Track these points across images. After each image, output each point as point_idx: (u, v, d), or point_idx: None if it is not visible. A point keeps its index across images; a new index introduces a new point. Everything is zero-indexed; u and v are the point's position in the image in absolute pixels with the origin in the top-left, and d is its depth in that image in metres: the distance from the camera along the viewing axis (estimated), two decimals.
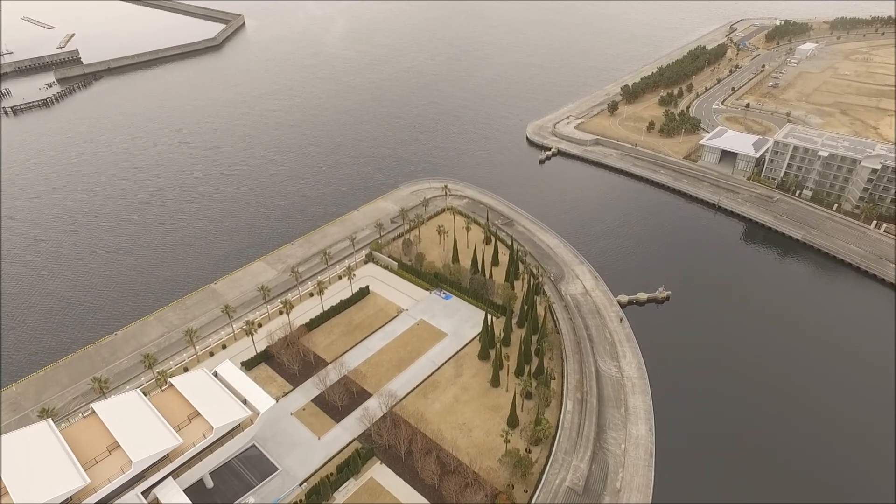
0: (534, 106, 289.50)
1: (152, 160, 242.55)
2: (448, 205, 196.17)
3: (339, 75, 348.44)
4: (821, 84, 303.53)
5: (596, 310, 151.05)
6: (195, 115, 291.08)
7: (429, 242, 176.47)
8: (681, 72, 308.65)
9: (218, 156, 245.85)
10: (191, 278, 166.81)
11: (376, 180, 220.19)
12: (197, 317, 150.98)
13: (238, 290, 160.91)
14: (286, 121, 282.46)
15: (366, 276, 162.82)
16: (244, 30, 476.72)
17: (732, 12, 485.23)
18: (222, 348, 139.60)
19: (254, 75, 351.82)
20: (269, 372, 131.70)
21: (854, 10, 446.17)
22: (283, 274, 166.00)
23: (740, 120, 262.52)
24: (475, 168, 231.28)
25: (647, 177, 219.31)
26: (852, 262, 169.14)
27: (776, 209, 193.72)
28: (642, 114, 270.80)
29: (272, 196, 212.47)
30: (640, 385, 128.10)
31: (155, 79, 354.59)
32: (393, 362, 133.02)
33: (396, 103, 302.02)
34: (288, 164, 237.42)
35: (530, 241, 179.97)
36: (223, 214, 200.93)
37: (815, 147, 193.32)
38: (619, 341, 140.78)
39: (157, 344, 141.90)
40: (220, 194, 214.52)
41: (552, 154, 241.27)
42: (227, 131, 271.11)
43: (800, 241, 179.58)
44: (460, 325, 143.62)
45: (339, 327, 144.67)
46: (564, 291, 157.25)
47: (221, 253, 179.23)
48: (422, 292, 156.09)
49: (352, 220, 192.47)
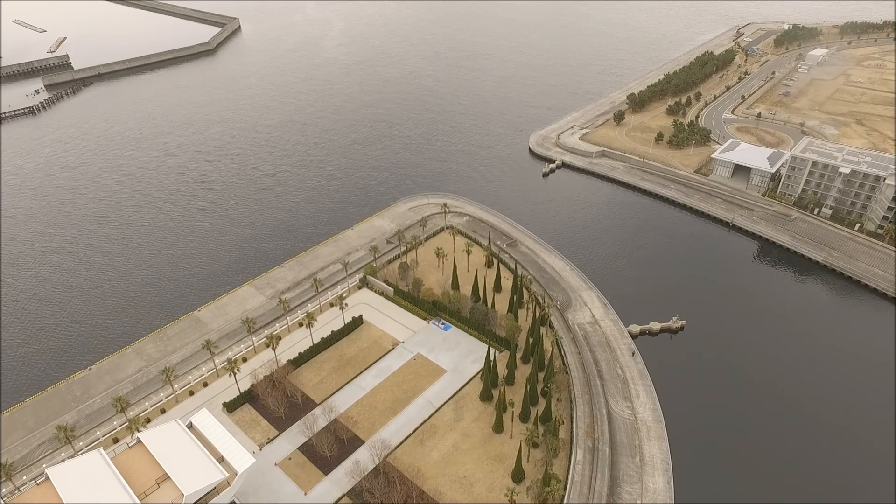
0: (536, 114, 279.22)
1: (136, 176, 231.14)
2: (447, 223, 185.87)
3: (335, 81, 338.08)
4: (833, 92, 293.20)
5: (606, 342, 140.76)
6: (184, 126, 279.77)
7: (427, 266, 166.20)
8: (688, 79, 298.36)
9: (206, 170, 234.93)
10: (173, 305, 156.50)
11: (372, 196, 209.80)
12: (178, 349, 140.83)
13: (223, 318, 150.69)
14: (279, 131, 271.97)
15: (359, 304, 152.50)
16: (240, 33, 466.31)
17: (737, 16, 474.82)
18: (203, 386, 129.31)
19: (248, 82, 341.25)
20: (252, 414, 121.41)
21: (862, 15, 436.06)
22: (272, 300, 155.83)
23: (752, 130, 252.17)
24: (476, 182, 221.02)
25: (656, 192, 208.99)
26: (877, 286, 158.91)
27: (794, 228, 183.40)
28: (650, 124, 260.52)
29: (262, 214, 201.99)
30: (656, 430, 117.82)
31: (145, 86, 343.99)
32: (387, 403, 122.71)
33: (394, 112, 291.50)
34: (280, 178, 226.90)
35: (534, 263, 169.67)
36: (210, 234, 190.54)
37: (835, 163, 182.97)
38: (632, 378, 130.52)
39: (134, 380, 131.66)
40: (208, 212, 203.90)
41: (556, 167, 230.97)
42: (217, 143, 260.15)
43: (820, 263, 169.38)
44: (460, 361, 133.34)
45: (330, 362, 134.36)
46: (572, 321, 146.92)
47: (207, 276, 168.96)
48: (419, 322, 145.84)
49: (345, 239, 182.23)
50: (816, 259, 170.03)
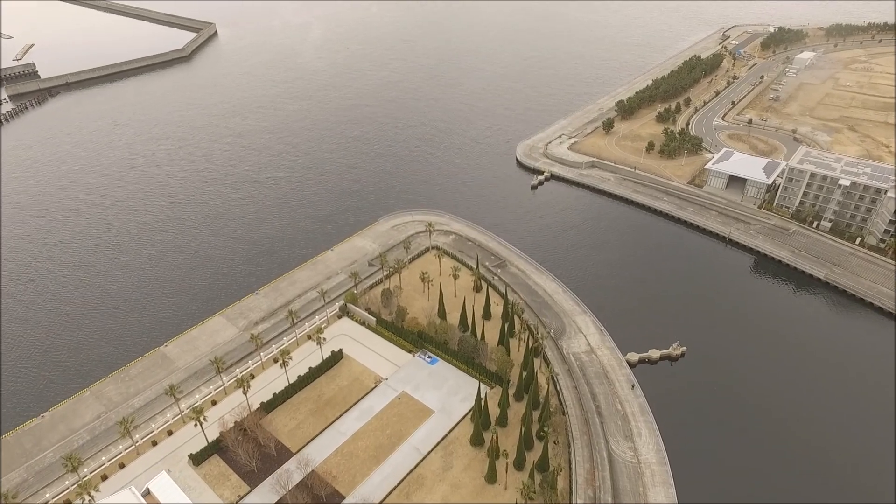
0: (523, 123, 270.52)
1: (100, 196, 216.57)
2: (432, 243, 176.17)
3: (313, 91, 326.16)
4: (823, 96, 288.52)
5: (603, 373, 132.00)
6: (154, 140, 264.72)
7: (411, 291, 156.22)
8: (677, 84, 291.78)
9: (176, 187, 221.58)
10: (137, 340, 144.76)
11: (352, 214, 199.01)
12: (142, 391, 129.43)
13: (192, 354, 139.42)
14: (254, 144, 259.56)
15: (339, 335, 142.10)
16: (216, 39, 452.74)
17: (720, 17, 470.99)
18: (168, 435, 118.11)
19: (223, 92, 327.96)
20: (221, 467, 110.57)
21: (847, 16, 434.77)
22: (245, 332, 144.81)
23: (744, 138, 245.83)
24: (462, 196, 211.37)
25: (649, 205, 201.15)
26: (882, 304, 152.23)
27: (793, 243, 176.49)
28: (639, 132, 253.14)
29: (236, 235, 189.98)
30: (661, 473, 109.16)
31: (115, 96, 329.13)
32: (370, 451, 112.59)
33: (374, 123, 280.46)
34: (255, 195, 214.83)
35: (525, 286, 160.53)
36: (179, 259, 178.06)
37: (834, 174, 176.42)
38: (633, 414, 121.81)
39: (92, 429, 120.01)
40: (176, 235, 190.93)
41: (545, 179, 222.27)
42: (189, 158, 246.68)
43: (822, 280, 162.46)
44: (449, 399, 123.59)
45: (308, 404, 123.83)
46: (566, 350, 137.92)
47: (175, 307, 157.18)
48: (404, 355, 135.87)
49: (325, 262, 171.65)
50: (818, 276, 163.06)
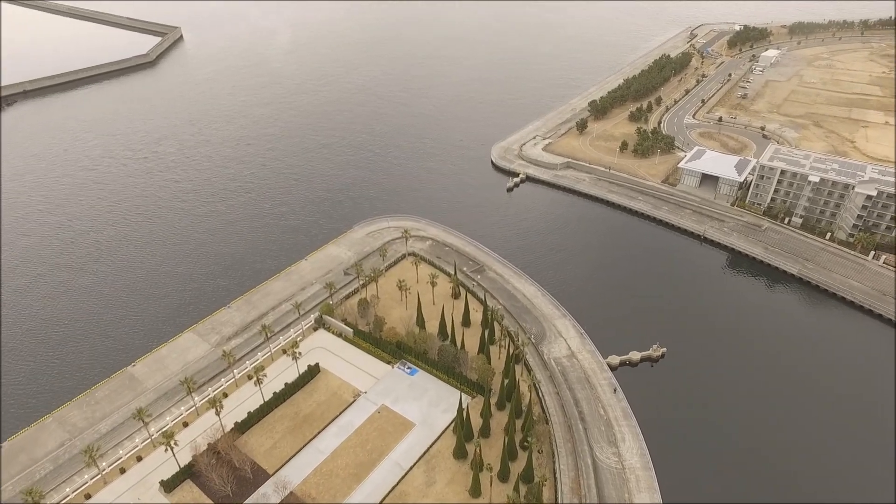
0: (496, 125, 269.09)
1: (61, 207, 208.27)
2: (409, 250, 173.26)
3: (282, 96, 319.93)
4: (789, 93, 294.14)
5: (585, 377, 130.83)
6: (116, 150, 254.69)
7: (389, 300, 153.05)
8: (648, 84, 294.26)
9: (141, 198, 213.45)
10: (103, 360, 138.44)
11: (326, 222, 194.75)
12: (109, 414, 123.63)
13: (161, 373, 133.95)
14: (223, 153, 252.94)
15: (315, 349, 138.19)
16: (182, 44, 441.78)
17: (687, 16, 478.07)
18: (137, 461, 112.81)
19: (189, 98, 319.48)
20: (194, 493, 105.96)
21: (808, 15, 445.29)
22: (217, 348, 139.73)
23: (714, 136, 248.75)
24: (437, 201, 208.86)
25: (624, 205, 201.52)
26: (854, 299, 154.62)
27: (766, 239, 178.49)
28: (613, 132, 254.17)
29: (205, 247, 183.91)
30: (646, 478, 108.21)
31: (75, 104, 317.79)
32: (350, 469, 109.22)
33: (346, 129, 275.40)
34: (224, 205, 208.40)
35: (504, 290, 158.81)
36: (146, 273, 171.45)
37: (803, 171, 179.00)
38: (616, 419, 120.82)
39: (55, 458, 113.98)
40: (143, 248, 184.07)
41: (521, 181, 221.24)
42: (154, 168, 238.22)
43: (795, 275, 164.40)
44: (430, 411, 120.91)
45: (284, 421, 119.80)
46: (547, 355, 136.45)
47: (143, 323, 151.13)
48: (382, 366, 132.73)
49: (299, 272, 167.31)
50: (791, 272, 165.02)
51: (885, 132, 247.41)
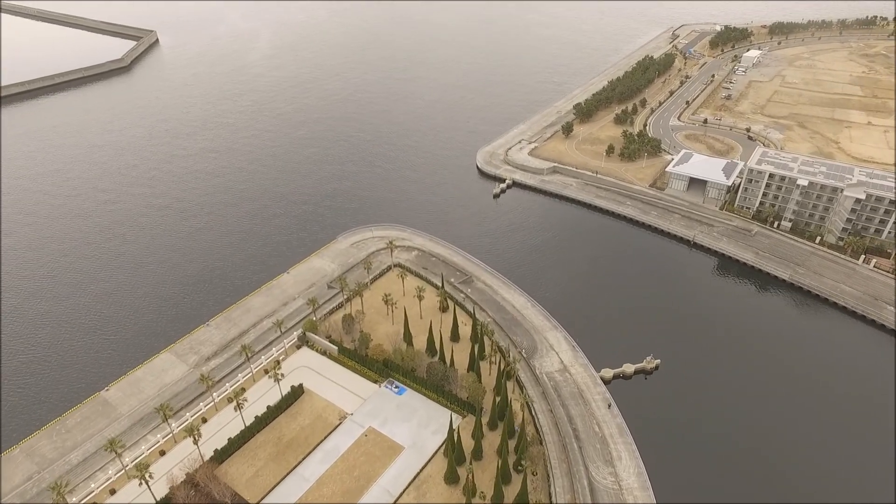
0: (481, 129, 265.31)
1: (24, 223, 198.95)
2: (394, 261, 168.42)
3: (262, 101, 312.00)
4: (772, 94, 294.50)
5: (578, 392, 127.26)
6: (88, 161, 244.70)
7: (375, 314, 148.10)
8: (632, 86, 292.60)
9: (113, 211, 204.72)
10: (75, 385, 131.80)
11: (308, 233, 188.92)
12: (80, 444, 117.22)
13: (137, 397, 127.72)
14: (200, 163, 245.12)
15: (299, 368, 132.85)
16: (158, 48, 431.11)
17: (667, 16, 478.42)
18: (110, 494, 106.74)
19: (163, 106, 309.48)
20: None
21: (785, 14, 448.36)
22: (196, 369, 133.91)
23: (700, 138, 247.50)
24: (423, 209, 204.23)
25: (612, 210, 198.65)
26: (846, 304, 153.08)
27: (756, 244, 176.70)
28: (599, 135, 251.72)
29: (182, 262, 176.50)
30: (644, 498, 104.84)
31: (45, 112, 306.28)
32: (337, 497, 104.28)
33: (327, 136, 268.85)
34: (201, 218, 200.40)
35: (493, 301, 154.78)
36: (120, 294, 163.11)
37: (792, 174, 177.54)
38: (611, 436, 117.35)
39: (21, 493, 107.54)
40: (116, 264, 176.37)
41: (507, 186, 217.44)
42: (126, 179, 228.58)
43: (787, 281, 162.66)
44: (420, 432, 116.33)
45: (267, 447, 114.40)
46: (539, 370, 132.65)
47: (117, 344, 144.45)
48: (369, 386, 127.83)
49: (280, 286, 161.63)
50: (783, 277, 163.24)
51: (867, 132, 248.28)
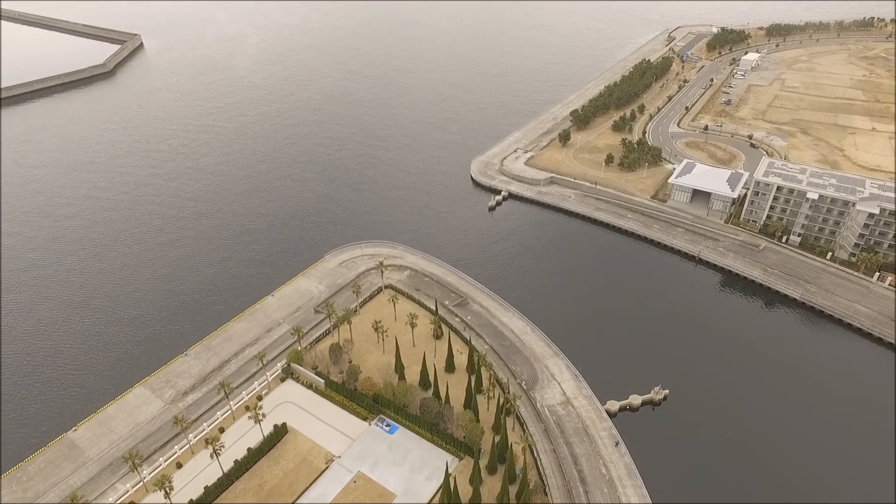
0: (475, 138, 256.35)
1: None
2: (385, 282, 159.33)
3: (246, 111, 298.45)
4: (773, 99, 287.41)
5: (583, 428, 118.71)
6: (63, 173, 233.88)
7: (364, 343, 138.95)
8: (630, 91, 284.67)
9: (87, 233, 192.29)
10: (39, 425, 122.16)
11: (294, 252, 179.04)
12: (43, 493, 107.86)
13: (107, 438, 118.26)
14: (180, 176, 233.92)
15: (283, 403, 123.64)
16: (142, 52, 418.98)
17: (663, 18, 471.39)
18: None
19: (145, 114, 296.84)
20: None
21: (780, 15, 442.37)
22: (172, 405, 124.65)
23: (701, 145, 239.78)
24: (415, 224, 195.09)
25: (613, 223, 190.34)
26: (862, 325, 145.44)
27: (764, 260, 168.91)
28: (597, 143, 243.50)
29: (158, 286, 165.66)
30: None
31: (22, 121, 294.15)
32: None
33: (315, 146, 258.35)
34: (179, 237, 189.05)
35: (490, 326, 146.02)
36: (89, 322, 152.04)
37: (801, 187, 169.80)
38: (619, 478, 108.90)
39: None
40: (87, 290, 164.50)
41: (503, 198, 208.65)
42: (103, 196, 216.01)
43: (798, 300, 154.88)
44: (413, 478, 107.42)
45: (247, 496, 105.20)
46: (541, 403, 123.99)
47: (86, 379, 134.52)
48: (358, 423, 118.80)
49: (264, 310, 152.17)
50: (793, 296, 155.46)
51: (872, 139, 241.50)
